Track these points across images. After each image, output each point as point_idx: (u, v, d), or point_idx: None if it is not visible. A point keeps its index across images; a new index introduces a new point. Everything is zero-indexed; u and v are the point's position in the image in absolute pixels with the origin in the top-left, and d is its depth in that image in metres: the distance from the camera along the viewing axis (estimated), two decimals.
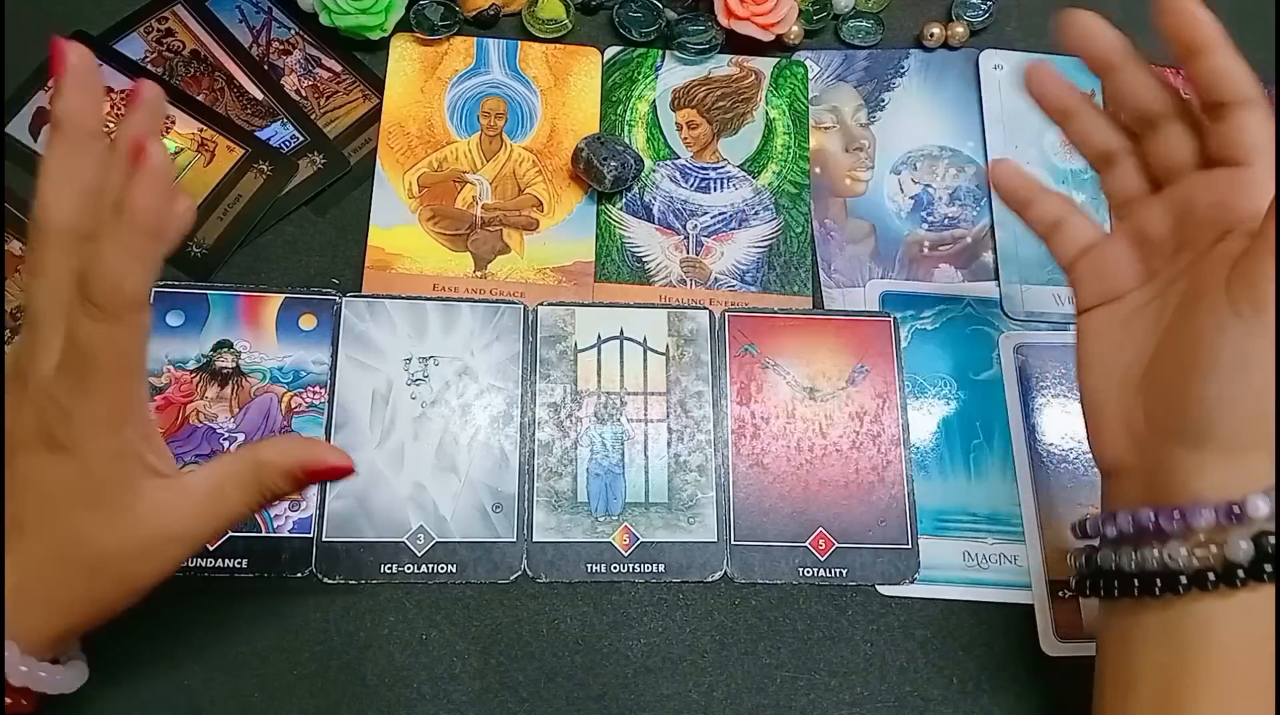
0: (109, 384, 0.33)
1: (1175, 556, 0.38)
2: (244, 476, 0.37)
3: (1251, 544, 0.37)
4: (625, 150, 0.53)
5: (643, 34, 0.58)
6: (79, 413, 0.33)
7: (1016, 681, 0.47)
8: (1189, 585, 0.37)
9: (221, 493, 0.37)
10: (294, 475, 0.37)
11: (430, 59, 0.57)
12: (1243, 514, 0.37)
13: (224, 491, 0.37)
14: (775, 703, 0.46)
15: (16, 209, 0.51)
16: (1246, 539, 0.37)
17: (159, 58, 0.55)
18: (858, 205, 0.56)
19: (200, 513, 0.36)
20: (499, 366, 0.50)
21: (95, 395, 0.33)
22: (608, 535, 0.48)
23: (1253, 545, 0.37)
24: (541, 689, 0.45)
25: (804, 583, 0.48)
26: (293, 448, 0.38)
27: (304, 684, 0.45)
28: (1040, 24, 0.61)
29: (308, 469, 0.37)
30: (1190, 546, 0.38)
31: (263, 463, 0.37)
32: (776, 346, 0.52)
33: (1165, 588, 0.38)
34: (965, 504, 0.50)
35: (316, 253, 0.52)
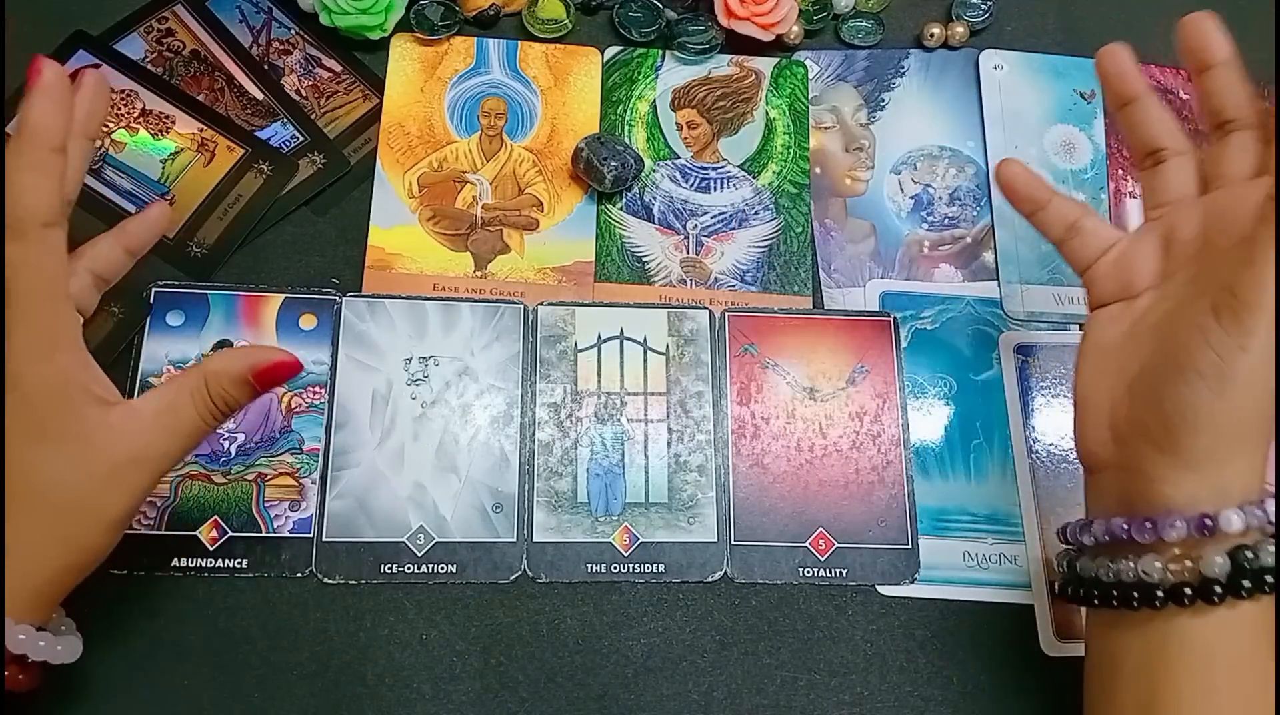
0: (34, 309, 0.34)
1: (1150, 570, 0.38)
2: (196, 392, 0.37)
3: (1228, 559, 0.36)
4: (625, 150, 0.53)
5: (643, 34, 0.58)
6: (10, 343, 0.34)
7: (1016, 681, 0.47)
8: (1165, 599, 0.37)
9: (174, 407, 0.37)
10: (244, 379, 0.38)
11: (430, 59, 0.57)
12: (1215, 527, 0.36)
13: (176, 405, 0.37)
14: (775, 703, 0.46)
15: None
16: (1222, 554, 0.36)
17: (159, 58, 0.55)
18: (858, 205, 0.56)
19: (156, 430, 0.37)
20: (499, 366, 0.50)
21: (21, 323, 0.34)
22: (608, 535, 0.48)
23: (1229, 560, 0.36)
24: (541, 689, 0.45)
25: (804, 583, 0.48)
26: (239, 354, 0.38)
27: (304, 684, 0.45)
28: (1040, 24, 0.61)
29: (257, 370, 0.38)
30: (1165, 560, 0.37)
31: (212, 372, 0.37)
32: (776, 346, 0.52)
33: (1142, 601, 0.38)
34: (965, 504, 0.50)
35: (316, 253, 0.52)
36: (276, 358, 0.38)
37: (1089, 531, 0.40)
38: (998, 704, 0.46)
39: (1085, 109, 0.58)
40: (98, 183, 0.52)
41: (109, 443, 0.36)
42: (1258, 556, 0.36)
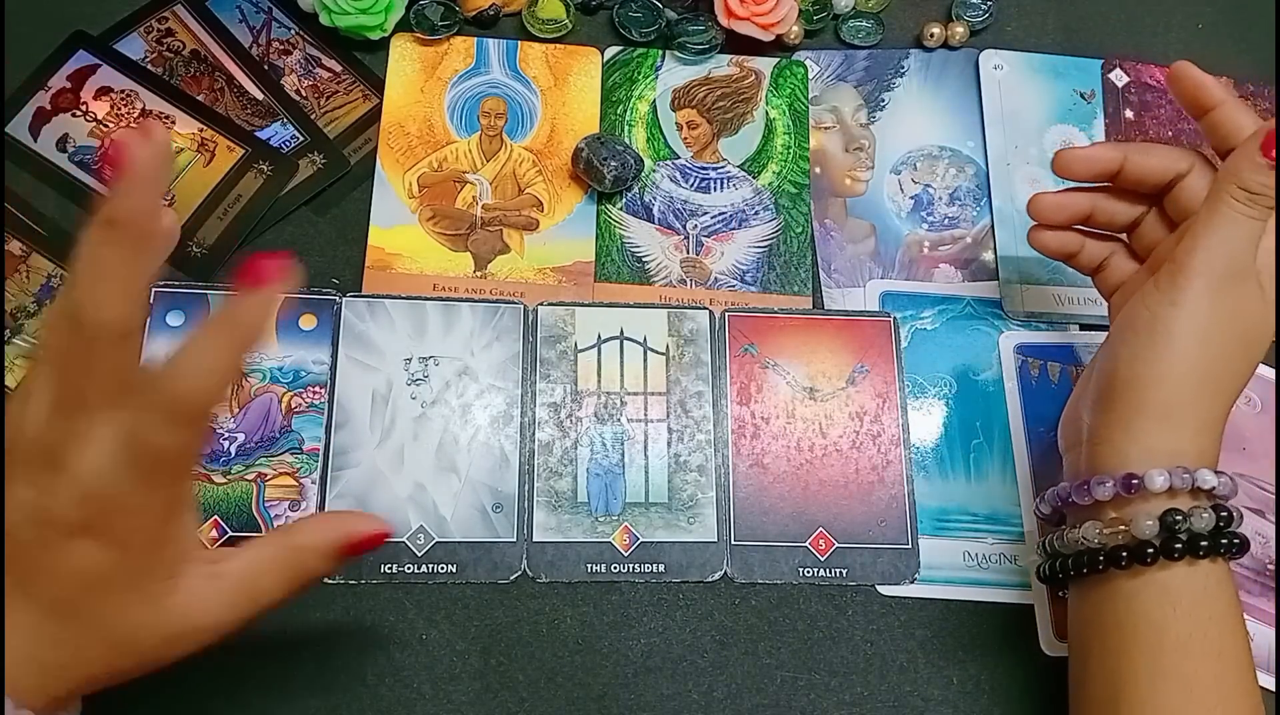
0: (172, 485, 0.33)
1: (1089, 535, 0.40)
2: (280, 564, 0.36)
3: (1157, 522, 0.38)
4: (625, 150, 0.53)
5: (643, 34, 0.58)
6: (130, 507, 0.32)
7: (1016, 681, 0.47)
8: (1105, 564, 0.39)
9: (257, 583, 0.36)
10: (332, 554, 0.37)
11: (430, 59, 0.57)
12: (1141, 486, 0.39)
13: (259, 582, 0.36)
14: (775, 703, 0.46)
15: (16, 209, 0.51)
16: (1153, 517, 0.39)
17: (159, 58, 0.55)
18: (858, 205, 0.56)
19: (234, 604, 0.36)
20: (499, 366, 0.50)
21: (151, 492, 0.33)
22: (608, 535, 0.48)
23: (1158, 523, 0.38)
24: (541, 689, 0.45)
25: (804, 583, 0.48)
26: (328, 526, 0.37)
27: (304, 684, 0.45)
28: (1040, 24, 0.61)
29: (348, 544, 0.37)
30: (1102, 525, 0.40)
31: (299, 547, 0.36)
32: (776, 346, 0.52)
33: (1087, 566, 0.40)
34: (965, 504, 0.50)
35: (316, 253, 0.52)
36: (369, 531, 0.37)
37: (1043, 501, 0.44)
38: (998, 704, 0.46)
39: (1085, 109, 0.58)
40: (98, 183, 0.52)
41: (186, 609, 0.35)
42: (1187, 520, 0.38)
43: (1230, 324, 0.40)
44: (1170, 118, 0.59)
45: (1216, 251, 0.40)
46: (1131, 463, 0.40)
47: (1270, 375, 0.53)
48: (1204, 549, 0.38)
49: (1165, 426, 0.40)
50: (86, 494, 0.32)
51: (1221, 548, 0.38)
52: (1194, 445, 0.40)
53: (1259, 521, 0.50)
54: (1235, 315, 0.40)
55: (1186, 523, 0.38)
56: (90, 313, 0.31)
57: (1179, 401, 0.40)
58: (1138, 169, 0.45)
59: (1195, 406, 0.40)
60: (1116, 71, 0.59)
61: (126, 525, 0.33)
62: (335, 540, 0.36)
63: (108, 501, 0.32)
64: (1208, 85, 0.43)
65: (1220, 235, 0.40)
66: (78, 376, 0.32)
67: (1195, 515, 0.38)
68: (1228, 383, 0.41)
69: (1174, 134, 0.58)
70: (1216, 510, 0.39)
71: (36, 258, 0.50)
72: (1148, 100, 0.59)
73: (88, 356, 0.32)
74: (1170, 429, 0.40)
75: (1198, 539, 0.38)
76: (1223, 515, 0.39)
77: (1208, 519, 0.38)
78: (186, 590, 0.35)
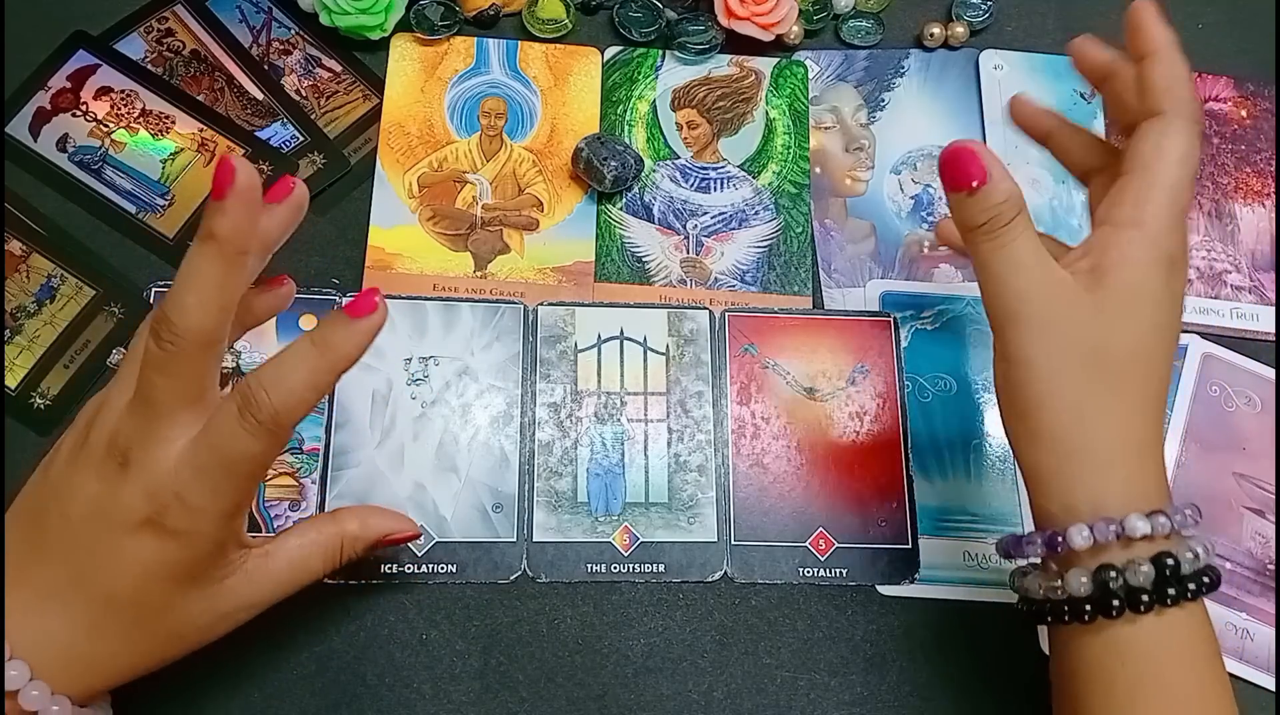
0: (244, 487, 0.34)
1: (1031, 588, 0.38)
2: (329, 548, 0.39)
3: (1090, 579, 0.36)
4: (625, 150, 0.53)
5: (643, 34, 0.58)
6: (201, 507, 0.34)
7: (1016, 681, 0.47)
8: (1049, 618, 0.37)
9: (306, 564, 0.39)
10: (373, 544, 0.41)
11: (430, 59, 0.57)
12: (1065, 545, 0.36)
13: (308, 563, 0.39)
14: (775, 703, 0.46)
15: (16, 209, 0.51)
16: (1087, 574, 0.36)
17: (159, 58, 0.55)
18: (858, 205, 0.56)
19: (280, 582, 0.38)
20: (499, 366, 0.50)
21: (224, 495, 0.34)
22: (608, 535, 0.48)
23: (1091, 580, 0.36)
24: (541, 689, 0.45)
25: (804, 583, 0.48)
26: (373, 522, 0.41)
27: (304, 684, 0.45)
28: (1040, 24, 0.61)
29: (387, 540, 0.42)
30: (1043, 579, 0.38)
31: (349, 535, 0.40)
32: (776, 346, 0.52)
33: (1036, 619, 0.38)
34: (965, 504, 0.50)
35: (316, 253, 0.52)
36: (410, 531, 0.42)
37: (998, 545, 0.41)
38: (998, 704, 0.46)
39: (1085, 109, 0.58)
40: (98, 183, 0.52)
41: (241, 588, 0.37)
42: (1121, 575, 0.35)
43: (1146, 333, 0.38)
44: None
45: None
46: (1055, 519, 0.37)
47: (1270, 375, 0.53)
48: (1145, 603, 0.35)
49: (1085, 474, 0.37)
50: (155, 490, 0.33)
51: (1169, 598, 0.35)
52: (1121, 487, 0.36)
53: (1259, 521, 0.50)
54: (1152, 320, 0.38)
55: (1120, 579, 0.35)
56: (176, 318, 0.33)
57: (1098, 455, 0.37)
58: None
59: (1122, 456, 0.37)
60: None
61: (192, 524, 0.34)
62: (378, 536, 0.41)
63: (175, 499, 0.33)
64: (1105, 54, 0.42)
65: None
66: (158, 378, 0.33)
67: (1131, 570, 0.35)
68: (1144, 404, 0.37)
69: None
70: (1159, 560, 0.35)
71: (36, 258, 0.50)
72: None
73: (170, 361, 0.33)
74: (1101, 481, 0.36)
75: (1137, 593, 0.35)
76: (1168, 563, 0.35)
77: (1146, 573, 0.35)
78: (241, 573, 0.37)
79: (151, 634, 0.36)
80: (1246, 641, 0.48)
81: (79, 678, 0.35)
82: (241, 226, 0.33)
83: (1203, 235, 0.56)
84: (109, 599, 0.34)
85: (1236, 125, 0.59)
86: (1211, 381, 0.53)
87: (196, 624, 0.36)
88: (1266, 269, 0.56)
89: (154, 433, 0.33)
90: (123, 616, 0.35)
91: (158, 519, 0.33)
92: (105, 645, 0.35)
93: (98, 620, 0.35)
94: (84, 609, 0.34)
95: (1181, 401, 0.52)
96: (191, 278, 0.33)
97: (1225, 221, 0.57)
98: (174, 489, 0.33)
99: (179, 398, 0.34)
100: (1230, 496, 0.51)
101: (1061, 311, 0.37)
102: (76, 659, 0.35)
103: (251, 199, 0.33)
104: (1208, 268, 0.56)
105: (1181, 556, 0.35)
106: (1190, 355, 0.53)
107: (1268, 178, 0.58)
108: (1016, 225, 0.37)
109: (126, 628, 0.35)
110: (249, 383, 0.33)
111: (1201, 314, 0.54)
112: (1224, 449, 0.51)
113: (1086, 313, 0.37)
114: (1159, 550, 0.36)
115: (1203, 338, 0.54)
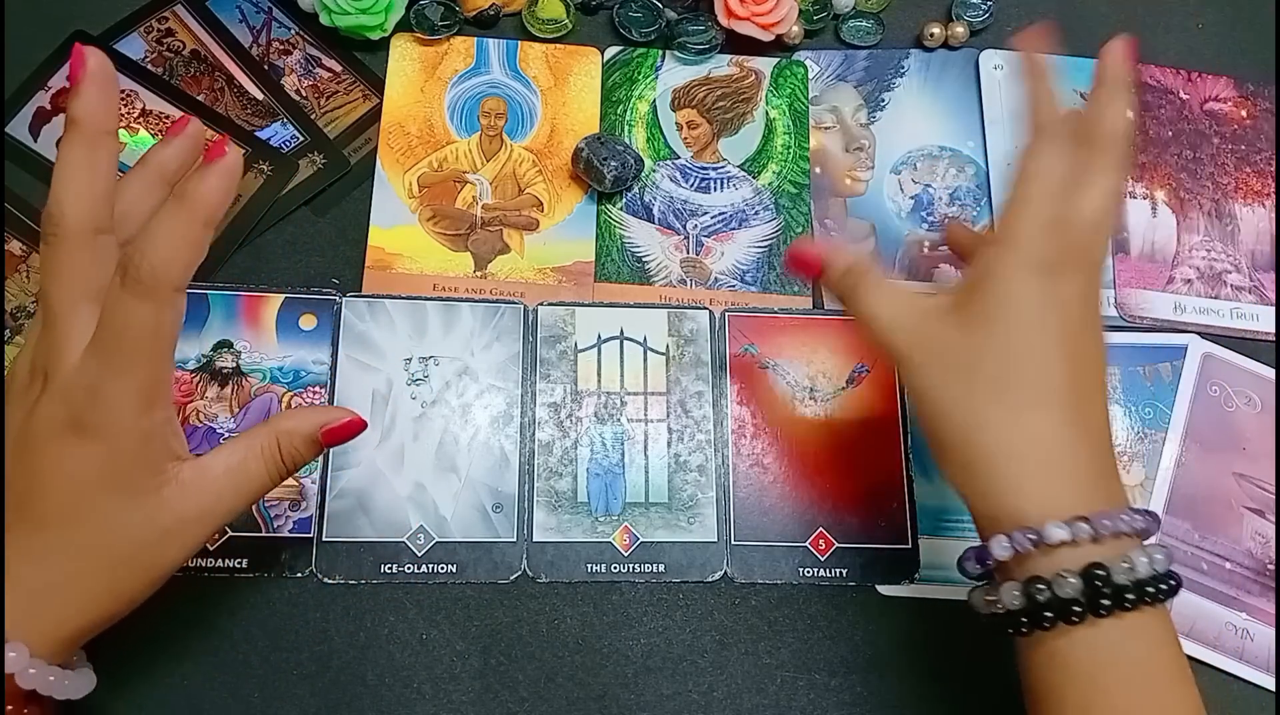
0: (143, 364, 0.34)
1: (975, 602, 0.39)
2: (266, 450, 0.38)
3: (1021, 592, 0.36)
4: (625, 150, 0.53)
5: (643, 34, 0.58)
6: (111, 393, 0.34)
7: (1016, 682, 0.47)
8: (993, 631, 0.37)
9: (244, 467, 0.37)
10: (314, 438, 0.38)
11: (430, 59, 0.57)
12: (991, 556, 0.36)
13: (245, 465, 0.37)
14: (775, 703, 0.46)
15: (16, 209, 0.51)
16: (1018, 587, 0.36)
17: (159, 58, 0.55)
18: (858, 205, 0.56)
19: (223, 490, 0.37)
20: (499, 366, 0.50)
21: (129, 375, 0.34)
22: (608, 535, 0.48)
23: (1021, 593, 0.36)
24: (541, 689, 0.45)
25: (804, 583, 0.48)
26: (310, 414, 0.39)
27: (304, 684, 0.45)
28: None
29: (327, 430, 0.39)
30: (984, 592, 0.38)
31: (283, 431, 0.38)
32: (776, 346, 0.52)
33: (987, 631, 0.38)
34: None
35: (316, 253, 0.52)
36: (346, 418, 0.39)
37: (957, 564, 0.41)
38: (998, 704, 0.46)
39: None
40: None
41: (179, 498, 0.36)
42: (1050, 588, 0.35)
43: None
44: (1170, 118, 0.59)
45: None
46: (982, 533, 0.37)
47: (1270, 375, 0.53)
48: (1077, 614, 0.34)
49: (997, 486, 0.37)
50: (68, 390, 0.34)
51: (1103, 609, 0.34)
52: (1038, 495, 0.36)
53: (1259, 521, 0.50)
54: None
55: (1048, 591, 0.35)
56: (54, 209, 0.34)
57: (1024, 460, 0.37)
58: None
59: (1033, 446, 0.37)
60: None
61: (106, 414, 0.34)
62: (316, 427, 0.38)
63: (86, 392, 0.33)
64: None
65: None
66: (51, 279, 0.34)
67: (1057, 582, 0.35)
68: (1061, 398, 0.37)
69: (1174, 134, 0.58)
70: (1088, 571, 0.34)
71: (36, 258, 0.50)
72: (1148, 100, 0.59)
73: (56, 253, 0.34)
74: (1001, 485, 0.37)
75: (1067, 605, 0.34)
76: (1098, 574, 0.34)
77: (1074, 584, 0.34)
78: (176, 482, 0.36)
79: (96, 555, 0.35)
80: (1246, 641, 0.48)
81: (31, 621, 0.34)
82: (96, 107, 0.35)
83: (1203, 235, 0.56)
84: (43, 520, 0.34)
85: (1236, 125, 0.59)
86: (1211, 381, 0.53)
87: (141, 539, 0.35)
88: (1266, 269, 0.56)
89: (58, 340, 0.34)
90: (63, 536, 0.34)
91: (75, 419, 0.34)
92: (50, 574, 0.34)
93: (38, 547, 0.34)
94: (23, 538, 0.34)
95: (1181, 401, 0.52)
96: (62, 168, 0.35)
97: (1225, 221, 0.57)
98: (82, 383, 0.34)
99: (72, 294, 0.34)
100: (1230, 496, 0.51)
101: (931, 336, 0.39)
102: (21, 597, 0.34)
103: (104, 80, 0.35)
104: (1208, 268, 0.56)
105: (1114, 567, 0.35)
106: (1190, 355, 0.53)
107: (1268, 178, 0.58)
108: (856, 290, 0.42)
109: (69, 549, 0.35)
110: (126, 252, 0.33)
111: (1201, 314, 0.54)
112: (1224, 449, 0.51)
113: (955, 331, 0.39)
114: (1090, 560, 0.35)
115: (1203, 338, 0.54)
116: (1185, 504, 0.50)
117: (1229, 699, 0.48)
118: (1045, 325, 0.38)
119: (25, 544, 0.34)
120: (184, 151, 0.39)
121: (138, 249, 0.33)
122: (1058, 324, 0.38)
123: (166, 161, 0.39)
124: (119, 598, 0.36)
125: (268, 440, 0.38)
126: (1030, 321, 0.38)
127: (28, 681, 0.34)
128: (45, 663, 0.35)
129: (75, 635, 0.36)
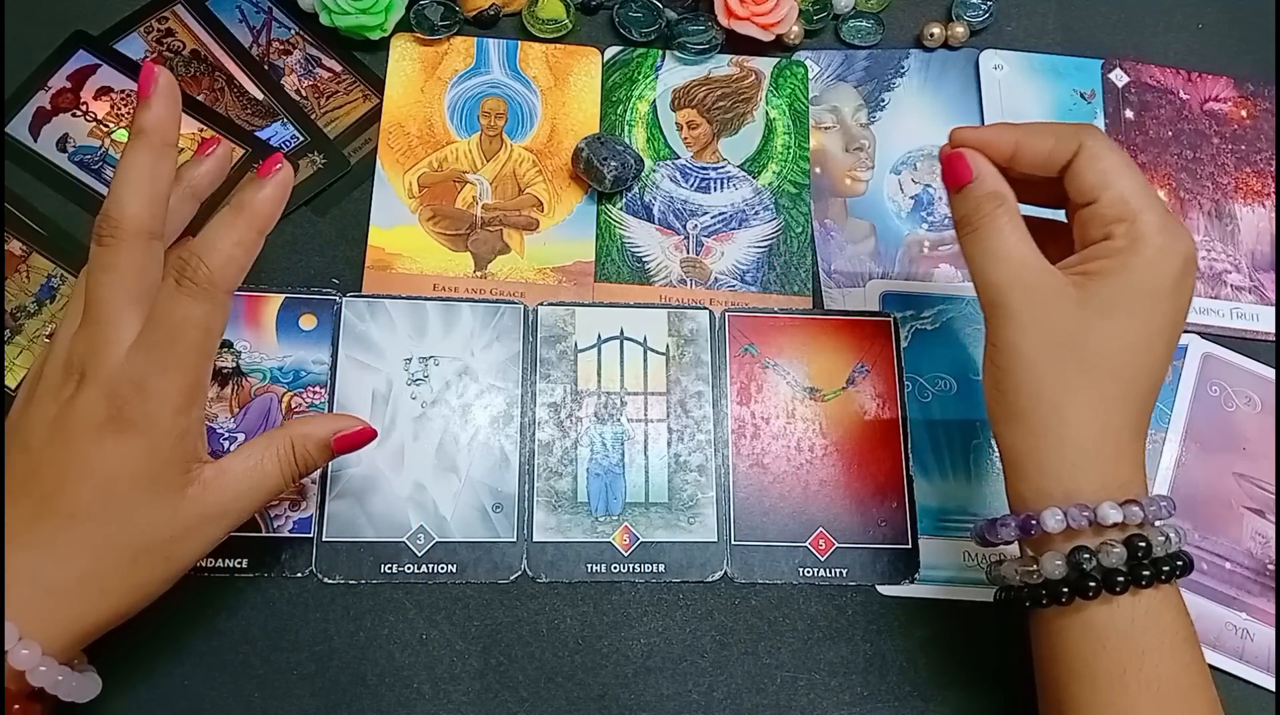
0: (192, 363, 0.35)
1: (1007, 575, 0.39)
2: (281, 449, 0.39)
3: (1065, 562, 0.37)
4: (625, 150, 0.53)
5: (643, 34, 0.58)
6: (158, 390, 0.35)
7: (1016, 681, 0.47)
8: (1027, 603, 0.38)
9: (260, 468, 0.39)
10: (326, 444, 0.40)
11: (430, 59, 0.57)
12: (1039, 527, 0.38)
13: (262, 466, 0.39)
14: (775, 703, 0.46)
15: (16, 209, 0.51)
16: (1061, 557, 0.37)
17: (159, 58, 0.55)
18: (858, 205, 0.56)
19: (240, 490, 0.38)
20: (499, 366, 0.50)
21: (177, 372, 0.35)
22: (608, 535, 0.48)
23: (1066, 563, 0.37)
24: (541, 689, 0.45)
25: (804, 583, 0.48)
26: (324, 421, 0.41)
27: (304, 684, 0.45)
28: (1040, 24, 0.61)
29: (339, 437, 0.41)
30: (1018, 564, 0.39)
31: (298, 435, 0.40)
32: (776, 346, 0.52)
33: (1015, 606, 0.39)
34: (965, 504, 0.50)
35: (316, 253, 0.52)
36: (358, 427, 0.41)
37: (971, 533, 0.43)
38: (998, 704, 0.46)
39: (1085, 109, 0.58)
40: (98, 183, 0.52)
41: (201, 497, 0.37)
42: (1095, 557, 0.37)
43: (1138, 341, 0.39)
44: (1170, 117, 0.59)
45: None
46: (1029, 503, 0.38)
47: (1270, 375, 0.53)
48: (1120, 584, 0.36)
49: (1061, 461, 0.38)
50: (112, 387, 0.35)
51: (1144, 579, 0.36)
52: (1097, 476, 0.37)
53: (1259, 521, 0.50)
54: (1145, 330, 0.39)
55: (1094, 560, 0.37)
56: (114, 212, 0.36)
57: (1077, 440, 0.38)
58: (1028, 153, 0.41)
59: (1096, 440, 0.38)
60: (1117, 71, 0.59)
61: (148, 409, 0.35)
62: (330, 433, 0.40)
63: (131, 387, 0.35)
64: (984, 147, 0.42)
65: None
66: (103, 277, 0.36)
67: (1104, 552, 0.37)
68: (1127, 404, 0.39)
69: (1174, 134, 0.58)
70: (1131, 542, 0.37)
71: (36, 258, 0.50)
72: (1148, 100, 0.59)
73: (112, 255, 0.36)
74: (1077, 466, 0.38)
75: (1112, 575, 0.36)
76: (1140, 546, 0.37)
77: (1119, 554, 0.37)
78: (199, 481, 0.37)
79: (118, 550, 0.36)
80: (1246, 641, 0.48)
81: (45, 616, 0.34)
82: (165, 119, 0.37)
83: (1203, 235, 0.56)
84: (72, 515, 0.35)
85: (1236, 125, 0.59)
86: (1211, 381, 0.53)
87: (163, 536, 0.36)
88: (1266, 269, 0.56)
89: (104, 338, 0.35)
90: (88, 531, 0.35)
91: (117, 414, 0.35)
92: (68, 570, 0.35)
93: (61, 542, 0.35)
94: (52, 533, 0.35)
95: (1181, 401, 0.52)
96: (124, 172, 0.36)
97: (1225, 221, 0.57)
98: (129, 378, 0.35)
99: (124, 295, 0.36)
100: (1230, 496, 0.51)
101: (1043, 304, 0.39)
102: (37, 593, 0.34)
103: (172, 96, 0.37)
104: (1208, 268, 0.56)
105: (1154, 540, 0.37)
106: (1190, 355, 0.53)
107: (1268, 178, 0.58)
108: (995, 220, 0.40)
109: (92, 543, 0.35)
110: (181, 255, 0.35)
111: (1201, 314, 0.54)
112: (1224, 449, 0.51)
113: (1070, 307, 0.38)
114: (1131, 534, 0.37)
115: (1203, 338, 0.54)
116: (1185, 504, 0.50)
117: (1229, 699, 0.47)
118: (1163, 333, 0.39)
119: (50, 537, 0.35)
120: (214, 171, 0.42)
121: (195, 252, 0.35)
122: (1171, 332, 0.39)
123: (198, 178, 0.41)
124: (133, 594, 0.37)
125: (283, 443, 0.39)
126: (1152, 326, 0.39)
127: (38, 679, 0.34)
128: (56, 661, 0.35)
129: (86, 633, 0.36)
